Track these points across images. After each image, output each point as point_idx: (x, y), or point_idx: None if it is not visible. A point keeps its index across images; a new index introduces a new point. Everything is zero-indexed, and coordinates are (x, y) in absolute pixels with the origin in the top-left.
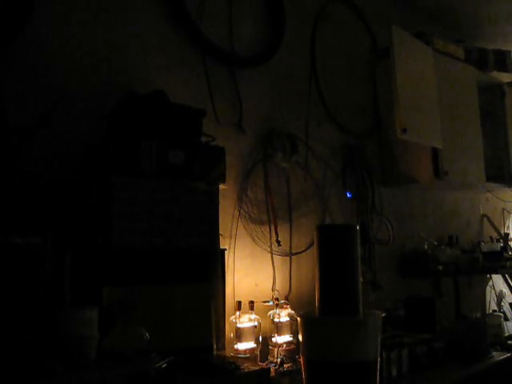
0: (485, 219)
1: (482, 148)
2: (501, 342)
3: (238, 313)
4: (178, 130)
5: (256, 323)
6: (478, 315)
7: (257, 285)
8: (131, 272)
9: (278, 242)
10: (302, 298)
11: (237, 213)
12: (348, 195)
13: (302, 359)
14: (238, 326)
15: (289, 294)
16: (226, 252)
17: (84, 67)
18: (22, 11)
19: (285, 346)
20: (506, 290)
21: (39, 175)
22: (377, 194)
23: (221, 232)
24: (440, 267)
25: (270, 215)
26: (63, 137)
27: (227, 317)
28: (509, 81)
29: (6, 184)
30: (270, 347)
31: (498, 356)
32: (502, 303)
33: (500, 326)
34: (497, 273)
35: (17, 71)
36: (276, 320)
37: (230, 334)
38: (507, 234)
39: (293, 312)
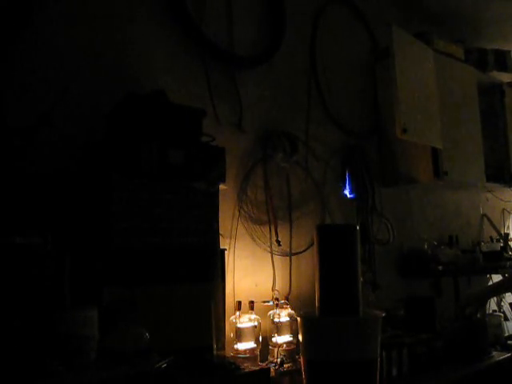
0: (485, 219)
1: (482, 148)
2: (501, 342)
3: (237, 313)
4: (177, 130)
5: (256, 323)
6: (478, 315)
7: (257, 285)
8: (131, 272)
9: (278, 242)
10: (302, 298)
11: (237, 213)
12: (348, 195)
13: (302, 359)
14: (238, 326)
15: (289, 294)
16: (225, 252)
17: (84, 67)
18: (20, 12)
19: (285, 345)
20: None
21: (39, 175)
22: (377, 194)
23: (221, 232)
24: (440, 267)
25: (270, 215)
26: (63, 137)
27: (227, 317)
28: (509, 81)
29: (6, 184)
30: (270, 347)
31: (498, 356)
32: (502, 303)
33: (500, 326)
34: (497, 273)
35: (17, 71)
36: (276, 320)
37: (230, 334)
38: (507, 234)
39: (293, 312)
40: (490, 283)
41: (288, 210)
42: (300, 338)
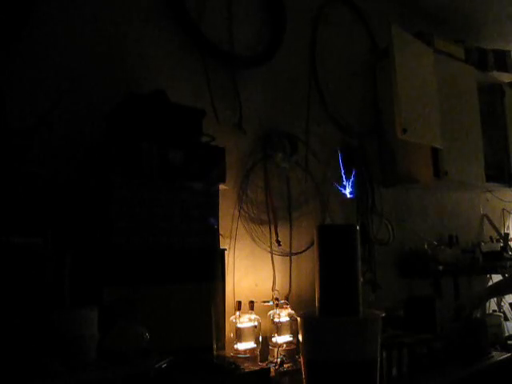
0: (485, 219)
1: (482, 148)
2: (501, 342)
3: (237, 313)
4: (177, 130)
5: (256, 323)
6: (478, 315)
7: (257, 285)
8: (131, 272)
9: (278, 242)
10: (302, 298)
11: (237, 213)
12: (348, 195)
13: (302, 359)
14: (238, 325)
15: (289, 294)
16: (226, 252)
17: (84, 67)
18: (20, 12)
19: (285, 345)
20: None
21: (39, 175)
22: (377, 194)
23: (221, 232)
24: (440, 267)
25: (270, 215)
26: (63, 137)
27: (227, 317)
28: (509, 81)
29: (6, 184)
30: (270, 347)
31: (498, 356)
32: (502, 303)
33: (500, 326)
34: (497, 273)
35: (17, 71)
36: (276, 320)
37: (230, 333)
38: (507, 234)
39: (293, 312)
40: (490, 283)
41: (288, 210)
42: (300, 338)
